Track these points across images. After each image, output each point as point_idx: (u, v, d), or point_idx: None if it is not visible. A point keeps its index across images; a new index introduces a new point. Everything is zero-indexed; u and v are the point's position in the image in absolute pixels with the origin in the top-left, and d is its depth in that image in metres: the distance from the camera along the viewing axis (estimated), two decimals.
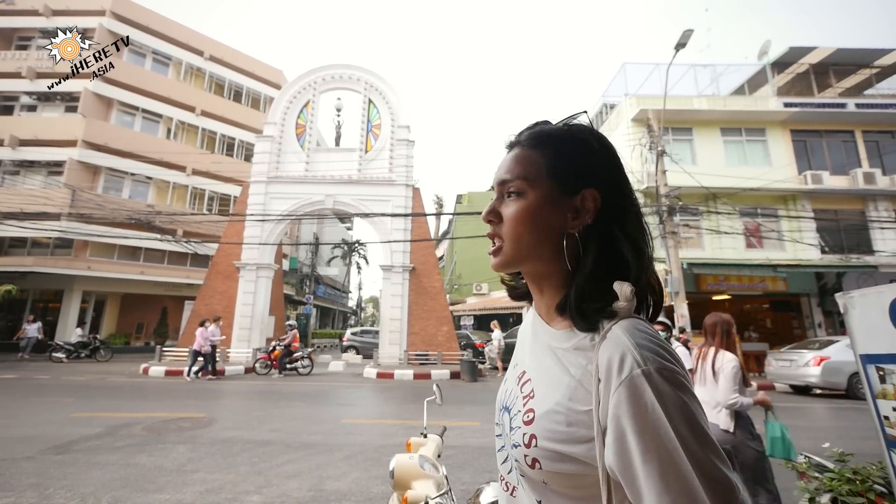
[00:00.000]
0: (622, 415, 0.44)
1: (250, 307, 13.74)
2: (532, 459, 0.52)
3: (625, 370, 0.45)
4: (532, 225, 0.58)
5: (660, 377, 0.44)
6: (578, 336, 0.54)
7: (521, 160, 0.60)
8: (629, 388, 0.45)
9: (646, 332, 0.50)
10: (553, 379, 0.55)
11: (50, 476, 3.71)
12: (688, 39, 9.91)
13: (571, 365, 0.53)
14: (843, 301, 1.54)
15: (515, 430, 0.57)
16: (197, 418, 6.10)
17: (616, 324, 0.51)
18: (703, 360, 2.61)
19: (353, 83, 15.61)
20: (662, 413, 0.43)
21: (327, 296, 34.98)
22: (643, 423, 0.43)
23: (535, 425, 0.53)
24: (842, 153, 14.17)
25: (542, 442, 0.52)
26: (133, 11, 20.16)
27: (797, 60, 14.70)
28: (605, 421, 0.47)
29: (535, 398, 0.56)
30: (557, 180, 0.58)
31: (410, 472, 1.49)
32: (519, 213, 0.58)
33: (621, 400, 0.45)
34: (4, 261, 17.29)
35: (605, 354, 0.49)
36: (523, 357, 0.66)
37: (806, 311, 13.44)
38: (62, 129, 18.10)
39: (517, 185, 0.59)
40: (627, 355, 0.46)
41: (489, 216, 0.62)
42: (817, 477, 1.66)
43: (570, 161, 0.59)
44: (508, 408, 0.62)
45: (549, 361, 0.58)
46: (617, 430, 0.45)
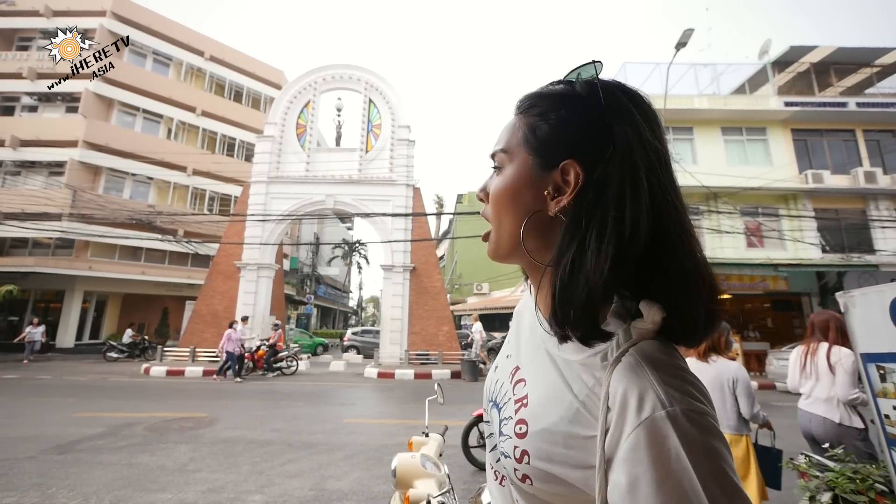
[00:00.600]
0: (639, 460, 0.37)
1: (251, 307, 13.75)
2: (523, 475, 0.47)
3: (645, 410, 0.38)
4: (508, 205, 0.49)
5: (687, 421, 0.37)
6: (587, 351, 0.45)
7: (508, 129, 0.52)
8: (650, 432, 0.37)
9: (672, 361, 0.42)
10: (551, 391, 0.47)
11: (53, 476, 3.73)
12: (688, 39, 9.89)
13: (575, 382, 0.46)
14: (844, 300, 1.54)
15: (506, 438, 0.50)
16: (199, 418, 6.12)
17: (634, 347, 0.42)
18: (812, 355, 2.64)
19: (354, 83, 15.62)
20: (689, 464, 0.35)
21: (328, 296, 35.00)
22: (664, 472, 0.36)
23: (528, 441, 0.47)
24: (843, 152, 14.15)
25: (535, 461, 0.45)
26: (133, 12, 20.17)
27: (798, 59, 14.68)
28: (611, 452, 0.40)
29: (529, 407, 0.49)
30: (535, 151, 0.48)
31: (412, 471, 1.50)
32: (497, 190, 0.51)
33: (639, 444, 0.37)
34: (6, 261, 17.31)
35: (619, 384, 0.40)
36: (518, 349, 0.58)
37: (807, 310, 13.41)
38: (63, 130, 18.12)
39: (499, 158, 0.52)
40: (648, 392, 0.39)
41: (480, 192, 0.55)
42: (818, 476, 1.66)
43: (551, 125, 0.47)
44: (498, 405, 0.56)
45: (547, 368, 0.50)
46: (630, 475, 0.37)
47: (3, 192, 16.67)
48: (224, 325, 13.60)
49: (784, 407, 7.55)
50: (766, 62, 14.92)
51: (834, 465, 1.67)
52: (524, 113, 0.51)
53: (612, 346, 0.44)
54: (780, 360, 9.39)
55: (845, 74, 14.99)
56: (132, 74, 19.86)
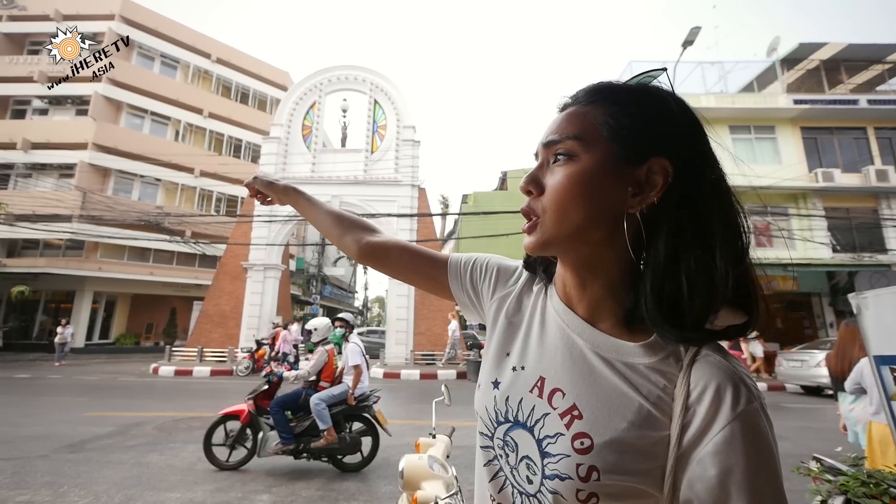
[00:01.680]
0: (734, 451, 0.39)
1: (258, 307, 13.84)
2: (588, 494, 0.44)
3: (741, 402, 0.41)
4: (583, 197, 0.46)
5: (767, 413, 0.42)
6: (657, 354, 0.46)
7: (575, 117, 0.49)
8: (747, 423, 0.40)
9: (735, 360, 0.44)
10: (613, 398, 0.46)
11: (64, 474, 3.78)
12: (695, 37, 9.81)
13: (643, 385, 0.45)
14: (856, 302, 1.52)
15: (557, 458, 0.46)
16: (206, 417, 6.16)
17: (709, 346, 0.45)
18: None
19: (359, 84, 15.67)
20: (774, 452, 0.40)
21: (333, 296, 35.12)
22: (757, 462, 0.39)
23: (594, 456, 0.44)
24: (853, 150, 13.96)
25: (606, 476, 0.43)
26: (141, 15, 20.41)
27: (807, 57, 14.50)
28: (689, 448, 0.42)
29: (587, 420, 0.46)
30: (619, 143, 0.46)
31: (420, 472, 1.50)
32: (568, 179, 0.46)
33: (735, 435, 0.40)
34: (18, 262, 17.61)
35: (703, 379, 0.42)
36: (536, 358, 0.54)
37: (817, 310, 13.26)
38: (73, 132, 18.38)
39: (568, 145, 0.47)
40: (741, 386, 0.41)
41: (529, 185, 0.49)
42: (830, 480, 1.64)
43: (639, 120, 0.47)
44: (527, 425, 0.50)
45: (599, 374, 0.48)
46: (723, 466, 0.39)
47: (15, 195, 16.94)
48: (231, 325, 13.72)
49: (795, 409, 7.46)
50: (775, 60, 14.76)
51: (847, 468, 1.64)
52: (596, 104, 0.48)
53: (680, 347, 0.45)
54: (791, 362, 9.26)
55: (856, 72, 14.79)
56: (140, 77, 20.10)
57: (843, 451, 1.82)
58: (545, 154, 0.50)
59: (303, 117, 15.39)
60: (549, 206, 0.48)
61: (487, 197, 24.67)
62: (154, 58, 21.20)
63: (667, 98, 0.47)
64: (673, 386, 0.44)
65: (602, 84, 0.50)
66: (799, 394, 9.32)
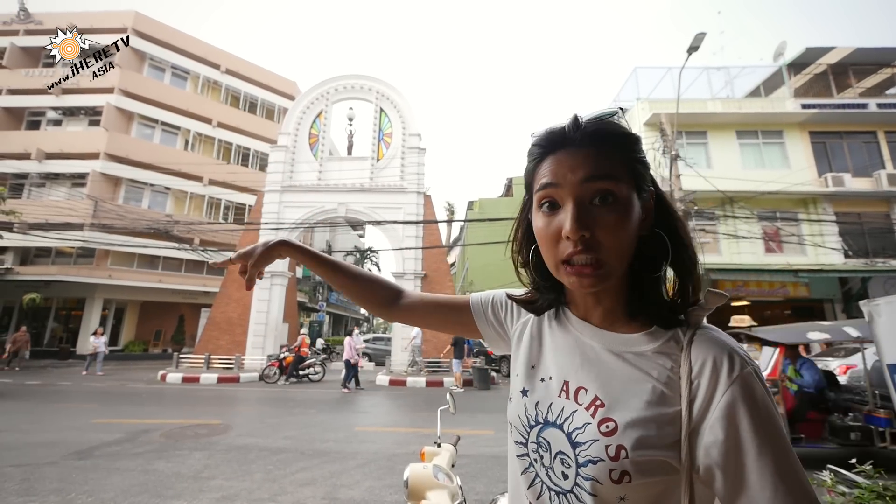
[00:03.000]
0: (737, 412, 0.45)
1: (264, 314, 13.91)
2: (620, 473, 0.49)
3: (736, 368, 0.47)
4: (632, 235, 0.52)
5: (761, 377, 0.48)
6: (659, 340, 0.53)
7: (606, 158, 0.52)
8: (744, 386, 0.46)
9: (728, 336, 0.52)
10: (628, 384, 0.52)
11: (72, 481, 3.80)
12: (700, 43, 9.79)
13: (653, 368, 0.52)
14: (869, 309, 1.48)
15: (587, 444, 0.51)
16: (213, 425, 6.18)
17: (702, 326, 0.53)
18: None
19: (365, 93, 15.83)
20: (773, 411, 0.46)
21: (340, 303, 35.22)
22: (759, 419, 0.45)
23: (620, 435, 0.50)
24: (864, 154, 13.78)
25: (634, 453, 0.48)
26: (153, 28, 20.87)
27: (814, 61, 14.41)
28: (699, 419, 0.48)
29: (608, 406, 0.52)
30: (637, 180, 0.54)
31: (424, 481, 1.49)
32: (626, 223, 0.51)
33: (736, 397, 0.46)
34: (30, 270, 17.90)
35: (701, 355, 0.49)
36: (561, 367, 0.60)
37: (830, 317, 13.00)
38: (86, 142, 18.74)
39: (614, 187, 0.51)
40: (735, 355, 0.48)
41: (584, 230, 0.50)
42: (844, 493, 1.59)
43: (641, 159, 0.55)
44: (557, 423, 0.56)
45: (614, 367, 0.54)
46: (730, 427, 0.45)
47: (29, 204, 17.25)
48: (238, 332, 13.79)
49: None
50: (782, 64, 14.68)
51: (862, 480, 1.60)
52: (615, 146, 0.53)
53: (678, 331, 0.54)
54: None
55: (865, 75, 14.66)
56: (151, 88, 20.50)
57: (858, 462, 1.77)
58: (581, 191, 0.51)
59: (310, 126, 15.57)
60: (611, 246, 0.51)
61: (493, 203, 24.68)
62: (165, 69, 21.64)
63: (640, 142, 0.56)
64: (678, 365, 0.51)
65: (612, 126, 0.54)
66: None
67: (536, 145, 0.57)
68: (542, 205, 0.55)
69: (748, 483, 0.44)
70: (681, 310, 0.54)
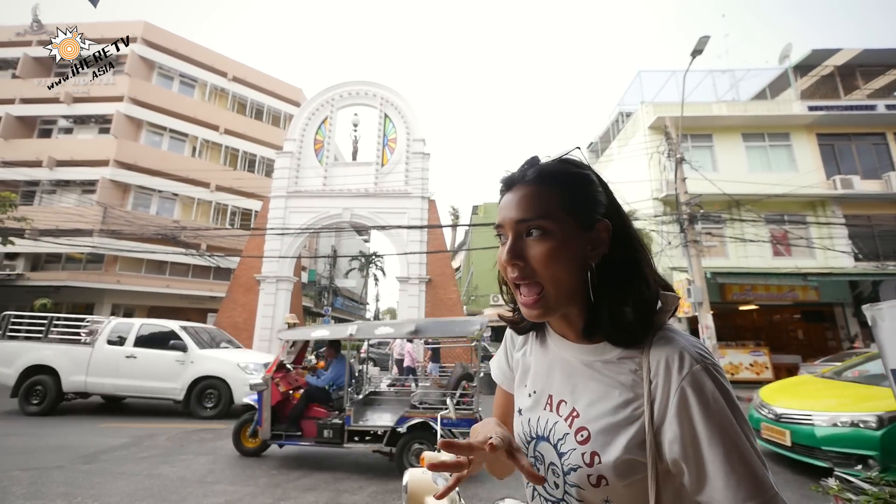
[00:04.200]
0: (689, 406, 0.49)
1: (270, 319, 13.98)
2: (598, 477, 0.53)
3: (685, 366, 0.51)
4: (566, 263, 0.56)
5: (714, 371, 0.51)
6: (620, 347, 0.57)
7: (535, 197, 0.58)
8: (693, 382, 0.50)
9: (685, 334, 0.56)
10: (599, 392, 0.57)
11: (78, 485, 3.82)
12: (704, 46, 9.77)
13: (619, 374, 0.56)
14: (871, 313, 1.47)
15: (568, 454, 0.56)
16: (218, 429, 6.20)
17: (661, 330, 0.56)
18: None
19: (370, 99, 15.96)
20: (724, 402, 0.49)
21: (345, 308, 35.26)
22: (708, 411, 0.48)
23: (593, 442, 0.54)
24: (873, 156, 13.62)
25: (606, 457, 0.52)
26: (162, 37, 21.26)
27: (820, 63, 14.31)
28: (660, 416, 0.51)
29: (582, 415, 0.57)
30: (574, 216, 0.58)
31: (424, 487, 1.49)
32: (552, 252, 0.56)
33: (686, 393, 0.49)
34: (41, 275, 18.16)
35: (657, 356, 0.53)
36: (545, 382, 0.65)
37: (840, 321, 12.80)
38: (96, 150, 19.07)
39: (541, 223, 0.57)
40: (685, 353, 0.52)
41: (516, 260, 0.57)
42: (850, 499, 1.56)
43: (581, 195, 0.59)
44: (546, 437, 0.61)
45: (586, 377, 0.59)
46: (683, 421, 0.49)
47: (40, 210, 17.55)
48: (244, 336, 13.84)
49: None
50: (788, 66, 14.60)
51: (868, 487, 1.57)
52: (547, 185, 0.59)
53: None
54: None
55: (872, 77, 14.52)
56: (160, 96, 20.83)
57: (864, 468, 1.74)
58: (517, 228, 0.58)
59: (315, 132, 15.72)
60: (545, 277, 0.56)
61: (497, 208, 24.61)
62: (173, 77, 21.99)
63: (591, 173, 0.62)
64: (641, 368, 0.55)
65: (543, 167, 0.61)
66: None
67: (501, 183, 0.65)
68: (499, 236, 0.63)
69: (707, 473, 0.48)
70: (638, 328, 0.56)
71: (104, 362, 7.27)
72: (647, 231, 13.33)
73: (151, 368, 7.30)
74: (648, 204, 13.19)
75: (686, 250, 10.73)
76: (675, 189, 11.29)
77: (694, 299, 10.30)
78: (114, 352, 7.35)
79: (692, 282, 10.50)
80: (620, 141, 16.54)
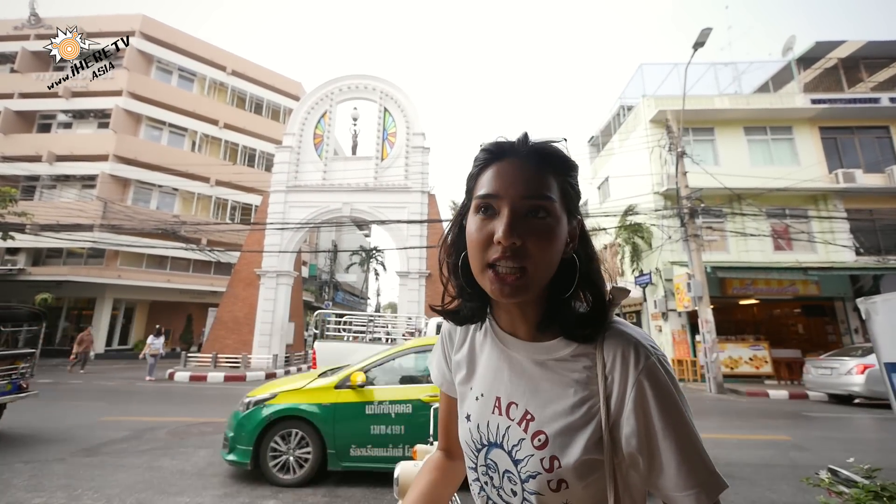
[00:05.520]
0: (646, 399, 0.49)
1: (271, 313, 14.02)
2: (558, 481, 0.51)
3: (641, 360, 0.50)
4: (556, 252, 0.54)
5: (665, 362, 0.51)
6: (574, 343, 0.55)
7: (544, 179, 0.54)
8: (648, 375, 0.50)
9: (632, 325, 0.55)
10: (553, 392, 0.55)
11: (79, 477, 3.85)
12: (706, 38, 9.69)
13: (573, 371, 0.54)
14: (866, 306, 1.46)
15: (525, 460, 0.54)
16: (218, 423, 6.23)
17: (613, 324, 0.55)
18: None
19: (369, 93, 15.88)
20: (675, 394, 0.50)
21: (346, 302, 35.35)
22: (664, 403, 0.49)
23: (551, 446, 0.52)
24: (876, 150, 13.52)
25: (565, 460, 0.51)
26: (160, 31, 21.12)
27: (824, 56, 14.17)
28: (616, 411, 0.51)
29: (537, 419, 0.54)
30: (567, 206, 0.56)
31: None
32: (553, 236, 0.53)
33: (644, 386, 0.49)
34: (42, 270, 18.21)
35: (611, 350, 0.52)
36: (492, 383, 0.61)
37: (841, 315, 12.79)
38: (95, 145, 19.03)
39: (547, 205, 0.53)
40: (640, 347, 0.51)
41: (515, 238, 0.51)
42: (842, 492, 1.56)
43: (574, 186, 0.58)
44: (497, 443, 0.58)
45: (538, 376, 0.57)
46: (641, 415, 0.49)
47: (41, 205, 17.57)
48: (244, 331, 13.92)
49: (818, 418, 7.19)
50: (791, 59, 14.46)
51: (860, 480, 1.57)
52: (556, 169, 0.56)
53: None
54: (820, 370, 8.88)
55: (877, 69, 14.38)
56: (159, 90, 20.74)
57: (857, 461, 1.74)
58: (521, 204, 0.53)
59: (314, 126, 15.66)
60: (537, 258, 0.52)
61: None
62: (172, 71, 21.88)
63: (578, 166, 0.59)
64: (594, 363, 0.54)
65: (556, 150, 0.57)
66: (823, 402, 8.98)
67: (485, 151, 0.58)
68: (480, 209, 0.55)
69: (661, 463, 0.48)
70: (589, 324, 0.55)
71: None
72: (647, 225, 13.30)
73: None
74: (649, 198, 13.14)
75: (686, 245, 10.70)
76: (675, 183, 11.25)
77: (694, 293, 10.30)
78: None
79: (692, 276, 10.49)
80: (621, 135, 16.44)
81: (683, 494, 0.47)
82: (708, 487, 0.47)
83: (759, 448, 5.08)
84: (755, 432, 6.01)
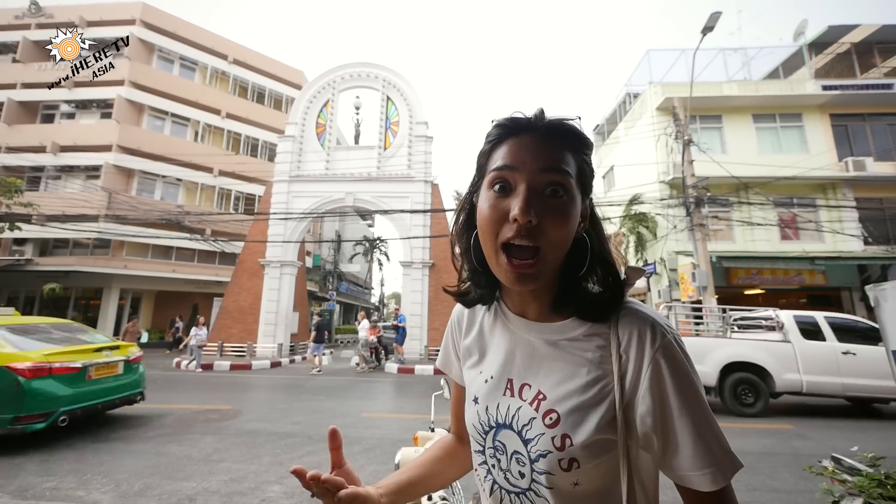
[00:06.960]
0: (662, 378, 0.49)
1: (275, 303, 14.12)
2: (569, 460, 0.51)
3: (657, 339, 0.50)
4: (571, 231, 0.53)
5: (680, 342, 0.51)
6: (588, 322, 0.55)
7: (564, 155, 0.53)
8: (666, 354, 0.49)
9: (647, 306, 0.55)
10: (565, 371, 0.54)
11: (88, 462, 3.93)
12: (715, 22, 9.45)
13: (587, 350, 0.54)
14: (875, 294, 1.43)
15: (535, 439, 0.53)
16: (224, 410, 6.33)
17: (627, 304, 0.54)
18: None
19: (372, 81, 15.71)
20: (691, 374, 0.50)
21: (350, 292, 35.53)
22: (679, 383, 0.49)
23: (563, 425, 0.52)
24: (888, 137, 13.26)
25: (577, 439, 0.50)
26: (161, 19, 20.93)
27: (837, 40, 13.82)
28: (631, 390, 0.50)
29: (549, 399, 0.54)
30: (582, 185, 0.55)
31: None
32: (570, 219, 0.52)
33: (661, 365, 0.49)
34: (49, 261, 18.40)
35: (626, 329, 0.52)
36: (504, 366, 0.61)
37: (847, 306, 12.69)
38: (98, 135, 19.04)
39: (565, 181, 0.52)
40: (656, 326, 0.51)
41: (530, 216, 0.49)
42: (846, 480, 1.56)
43: (589, 164, 0.57)
44: (507, 424, 0.57)
45: (550, 356, 0.56)
46: (657, 393, 0.49)
47: (46, 196, 17.66)
48: (249, 320, 14.03)
49: (828, 407, 7.17)
50: (802, 44, 14.12)
51: (864, 468, 1.56)
52: (574, 146, 0.55)
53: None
54: None
55: (891, 54, 14.03)
56: (161, 80, 20.64)
57: (860, 450, 1.72)
58: (538, 179, 0.52)
59: (317, 115, 15.55)
60: (553, 238, 0.51)
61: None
62: (173, 60, 21.74)
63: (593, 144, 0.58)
64: (608, 343, 0.53)
65: (573, 127, 0.55)
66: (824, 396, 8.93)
67: (499, 126, 0.56)
68: (494, 185, 0.54)
69: (677, 442, 0.48)
70: (603, 303, 0.55)
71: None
72: (652, 215, 13.18)
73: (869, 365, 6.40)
74: (655, 187, 13.01)
75: (692, 234, 10.61)
76: (682, 172, 11.11)
77: (699, 283, 10.24)
78: (819, 347, 6.67)
79: (697, 266, 10.42)
80: (627, 122, 16.21)
81: (699, 473, 0.47)
82: (724, 466, 0.47)
83: (760, 436, 5.09)
84: (757, 421, 6.02)
